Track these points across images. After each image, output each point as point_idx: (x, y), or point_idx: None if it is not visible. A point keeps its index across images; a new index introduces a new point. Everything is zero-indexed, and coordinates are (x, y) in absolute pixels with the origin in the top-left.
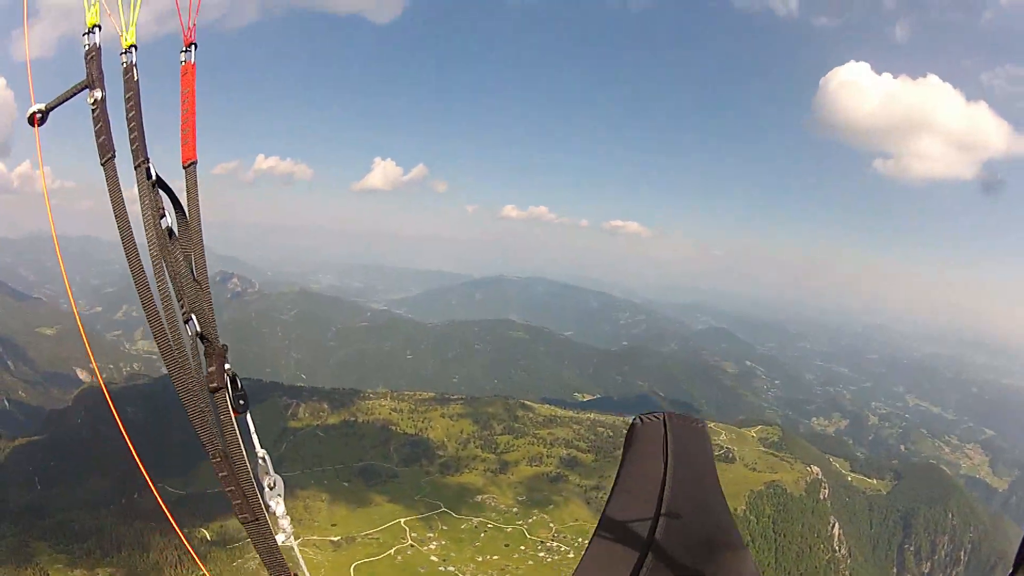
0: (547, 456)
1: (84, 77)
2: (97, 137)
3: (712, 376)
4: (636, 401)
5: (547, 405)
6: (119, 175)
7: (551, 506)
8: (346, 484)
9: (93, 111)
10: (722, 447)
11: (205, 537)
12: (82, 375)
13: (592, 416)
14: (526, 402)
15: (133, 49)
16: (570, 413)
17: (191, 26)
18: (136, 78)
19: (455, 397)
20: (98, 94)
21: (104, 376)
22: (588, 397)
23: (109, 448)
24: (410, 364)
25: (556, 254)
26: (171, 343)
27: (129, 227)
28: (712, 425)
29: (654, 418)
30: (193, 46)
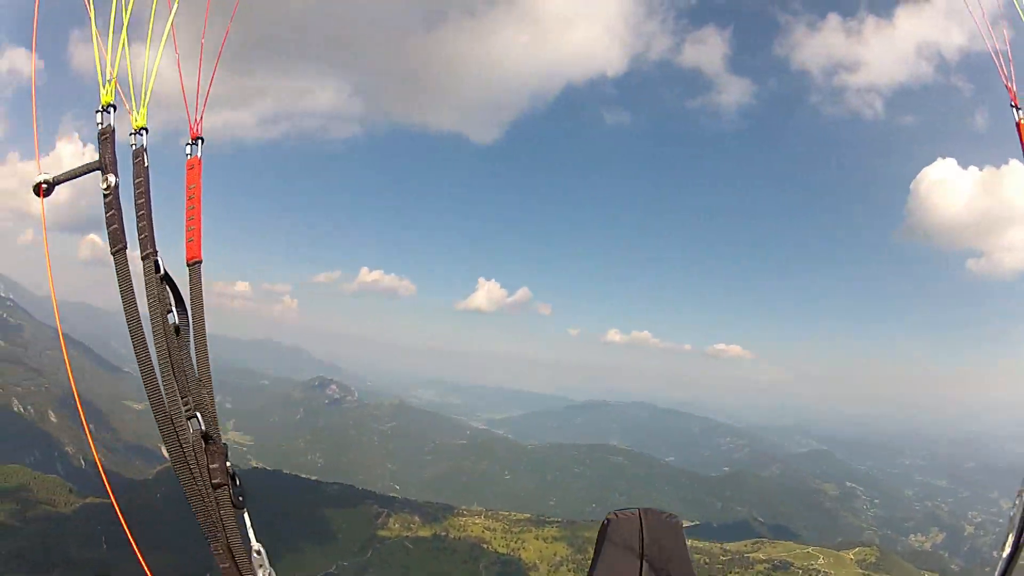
0: None
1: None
2: (108, 225)
3: (813, 499)
4: (735, 527)
5: None
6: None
7: None
8: None
9: (105, 196)
10: (819, 571)
11: None
12: (165, 452)
13: (690, 543)
14: None
15: (144, 132)
16: None
17: (198, 119)
18: (146, 164)
19: (551, 520)
20: (112, 179)
21: None
22: (688, 524)
23: (185, 528)
24: (507, 484)
25: (659, 379)
26: (178, 440)
27: (139, 321)
28: (810, 550)
29: (628, 514)
30: (200, 140)
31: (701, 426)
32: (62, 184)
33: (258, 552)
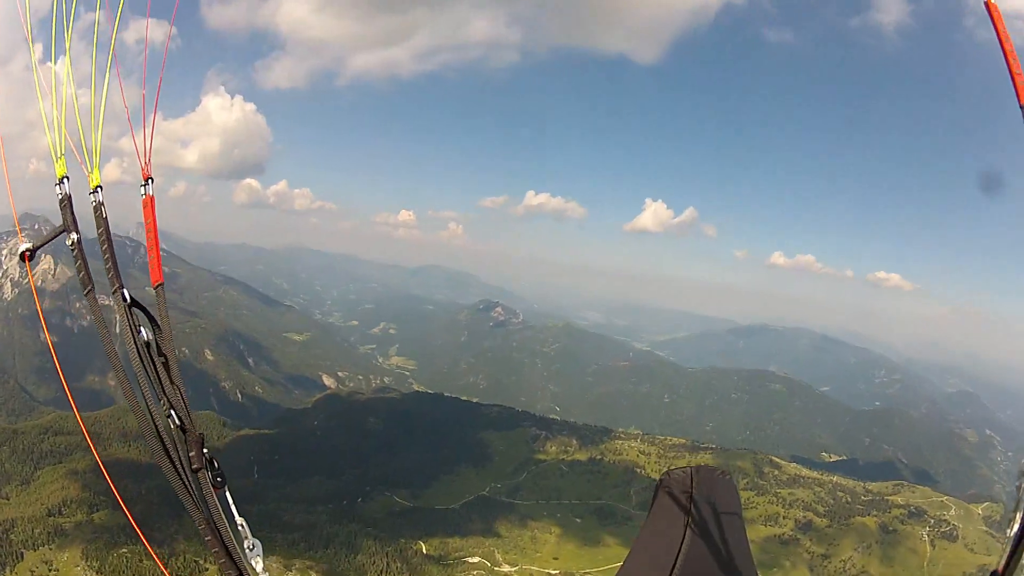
0: (783, 517)
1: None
2: (78, 273)
3: (954, 445)
4: (881, 466)
5: (794, 464)
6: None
7: (776, 569)
8: (578, 520)
9: (72, 251)
10: (948, 523)
11: (421, 550)
12: (327, 381)
13: (835, 479)
14: (774, 458)
15: (100, 189)
16: (815, 474)
17: (147, 162)
18: (105, 215)
19: (706, 446)
20: (74, 236)
21: (351, 385)
22: (835, 458)
23: (341, 453)
24: (666, 408)
25: (819, 304)
26: (157, 434)
27: (113, 346)
28: (944, 499)
29: (682, 472)
30: (150, 180)
31: (858, 357)
32: (42, 248)
33: (242, 526)
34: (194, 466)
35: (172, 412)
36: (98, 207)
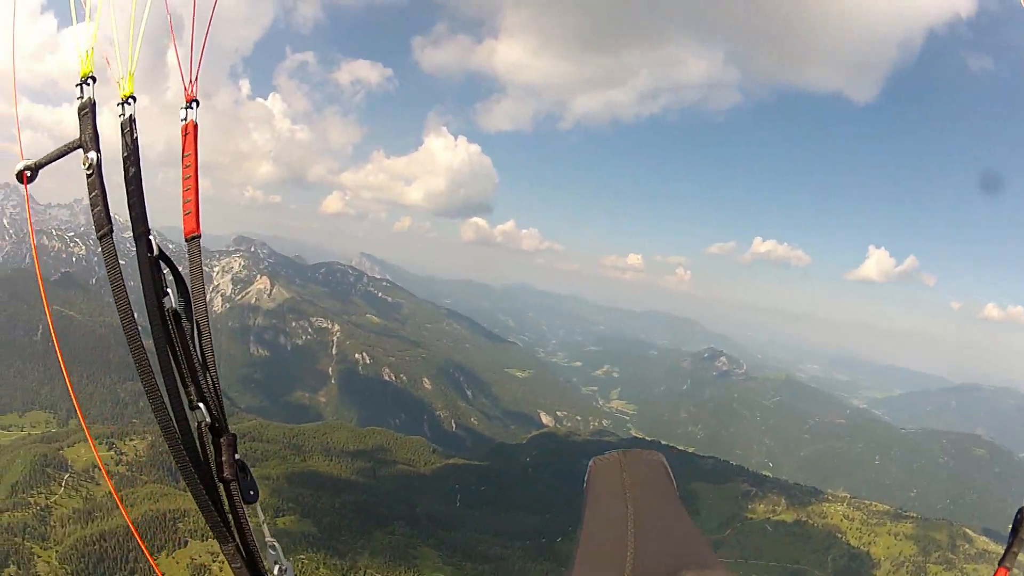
0: None
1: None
2: (92, 207)
3: None
4: None
5: (984, 537)
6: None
7: None
8: None
9: (88, 176)
10: None
11: None
12: (545, 419)
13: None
14: (967, 530)
15: (132, 100)
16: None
17: (192, 80)
18: (135, 135)
19: (907, 515)
20: (93, 156)
21: (569, 425)
22: None
23: (548, 491)
24: (875, 470)
25: None
26: (177, 433)
27: (130, 309)
28: None
29: (609, 457)
30: (195, 103)
31: None
32: (46, 166)
33: (273, 548)
34: (224, 474)
35: (201, 405)
36: (127, 124)
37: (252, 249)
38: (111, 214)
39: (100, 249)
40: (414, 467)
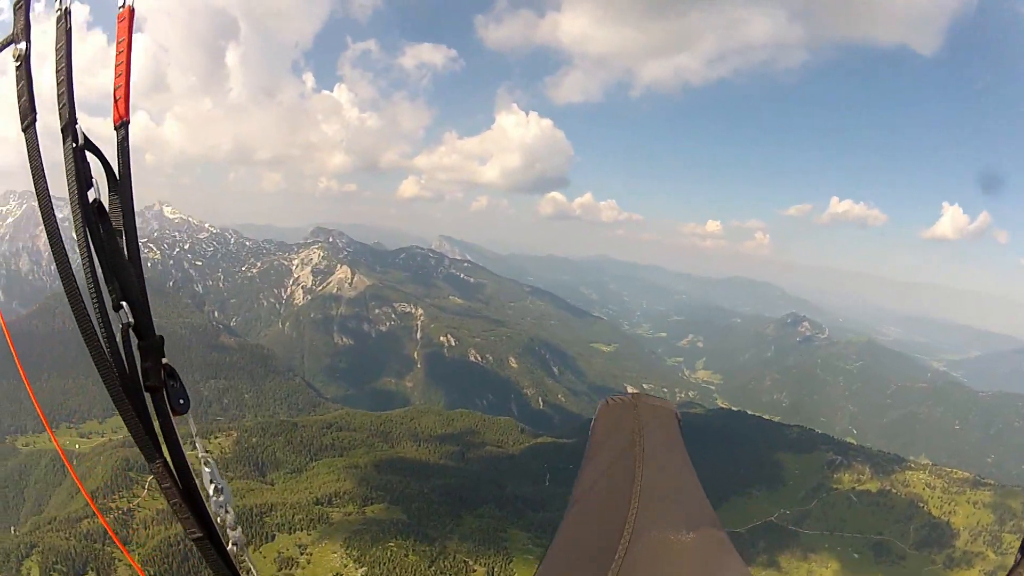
0: None
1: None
2: (18, 98)
3: None
4: None
5: None
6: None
7: None
8: (856, 556)
9: (16, 67)
10: None
11: None
12: (631, 392)
13: None
14: None
15: None
16: None
17: None
18: (69, 26)
19: (986, 482)
20: (22, 47)
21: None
22: None
23: None
24: (955, 435)
25: None
26: (98, 335)
27: (50, 202)
28: None
29: (622, 399)
30: None
31: None
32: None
33: (206, 464)
34: (148, 383)
35: (124, 304)
36: (62, 15)
37: (331, 239)
38: (35, 105)
39: (25, 142)
40: (502, 448)
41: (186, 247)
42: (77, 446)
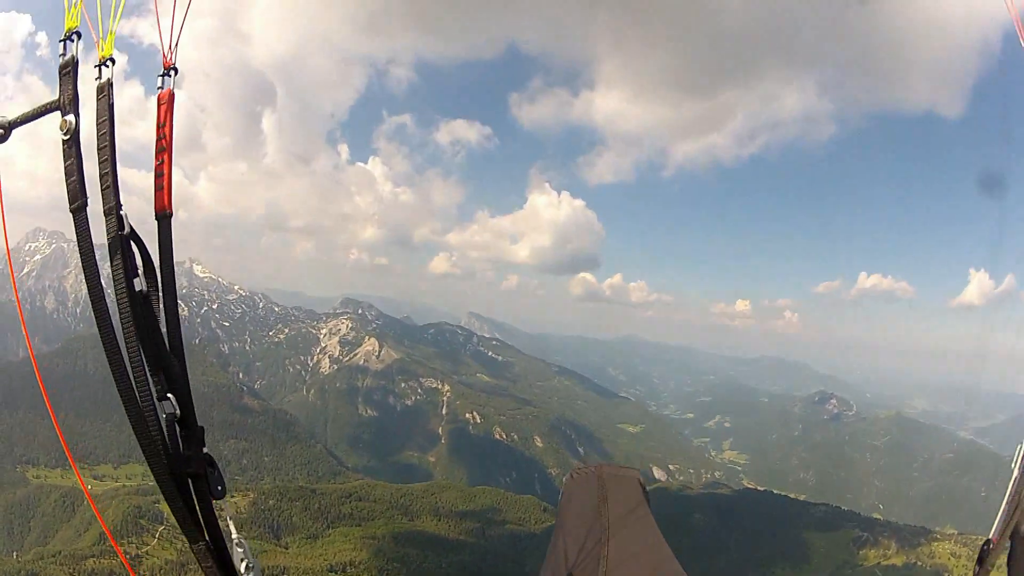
0: None
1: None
2: (67, 177)
3: None
4: None
5: None
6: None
7: None
8: None
9: (64, 141)
10: None
11: None
12: (658, 474)
13: None
14: None
15: (111, 63)
16: None
17: (172, 46)
18: (111, 101)
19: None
20: (71, 120)
21: (681, 479)
22: None
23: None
24: (982, 503)
25: None
26: (146, 426)
27: (101, 289)
28: None
29: (587, 470)
30: (173, 70)
31: None
32: (20, 128)
33: (239, 545)
34: (191, 470)
35: (171, 396)
36: (104, 87)
37: (360, 311)
38: (86, 185)
39: (74, 225)
40: (524, 526)
41: (214, 307)
42: (90, 487)
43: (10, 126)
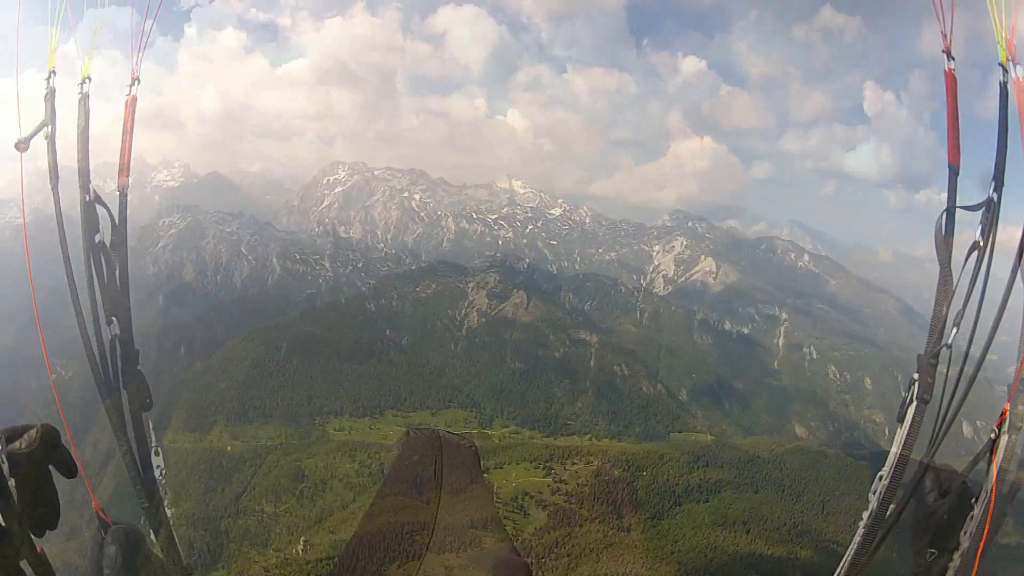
0: None
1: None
2: (50, 167)
3: None
4: None
5: None
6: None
7: None
8: None
9: (47, 144)
10: None
11: None
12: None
13: None
14: None
15: (88, 80)
16: None
17: (137, 62)
18: (88, 107)
19: None
20: (49, 129)
21: None
22: None
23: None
24: None
25: None
26: (92, 343)
27: (65, 243)
28: None
29: (426, 432)
30: (137, 80)
31: None
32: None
33: (157, 452)
34: (127, 381)
35: (115, 319)
36: (84, 99)
37: (689, 223)
38: (59, 172)
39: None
40: None
41: (539, 224)
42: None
43: (25, 141)
